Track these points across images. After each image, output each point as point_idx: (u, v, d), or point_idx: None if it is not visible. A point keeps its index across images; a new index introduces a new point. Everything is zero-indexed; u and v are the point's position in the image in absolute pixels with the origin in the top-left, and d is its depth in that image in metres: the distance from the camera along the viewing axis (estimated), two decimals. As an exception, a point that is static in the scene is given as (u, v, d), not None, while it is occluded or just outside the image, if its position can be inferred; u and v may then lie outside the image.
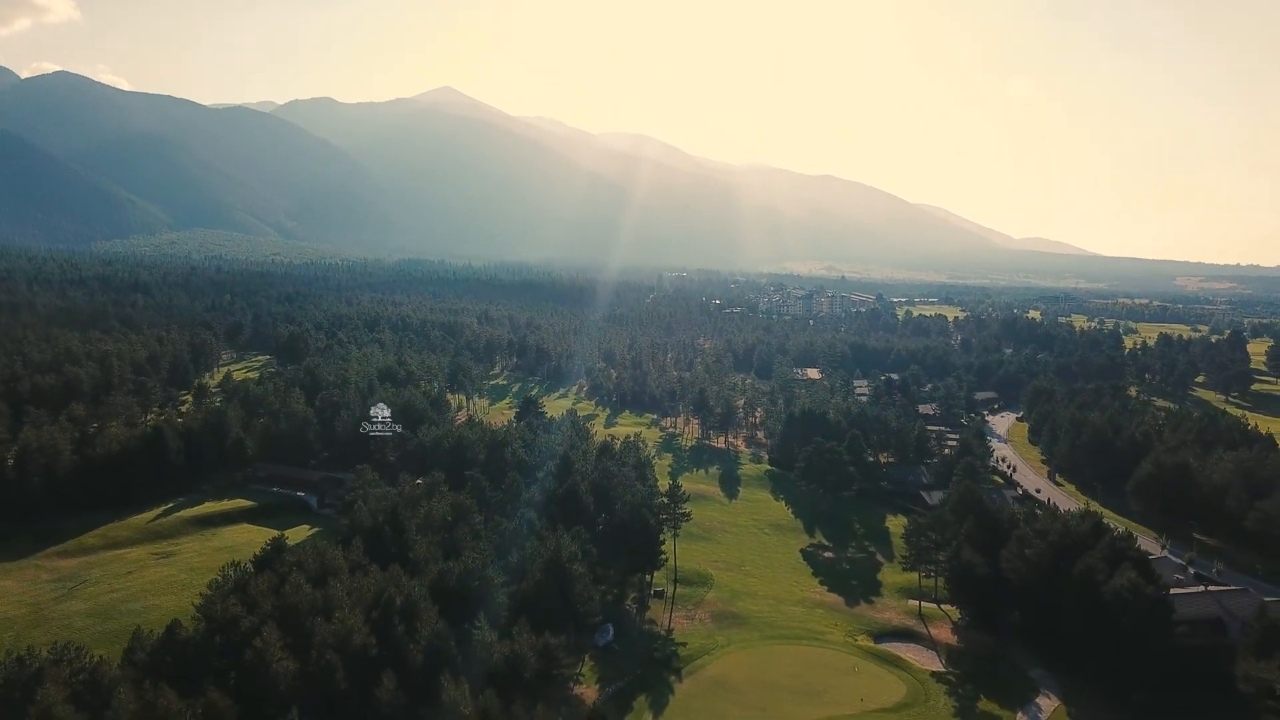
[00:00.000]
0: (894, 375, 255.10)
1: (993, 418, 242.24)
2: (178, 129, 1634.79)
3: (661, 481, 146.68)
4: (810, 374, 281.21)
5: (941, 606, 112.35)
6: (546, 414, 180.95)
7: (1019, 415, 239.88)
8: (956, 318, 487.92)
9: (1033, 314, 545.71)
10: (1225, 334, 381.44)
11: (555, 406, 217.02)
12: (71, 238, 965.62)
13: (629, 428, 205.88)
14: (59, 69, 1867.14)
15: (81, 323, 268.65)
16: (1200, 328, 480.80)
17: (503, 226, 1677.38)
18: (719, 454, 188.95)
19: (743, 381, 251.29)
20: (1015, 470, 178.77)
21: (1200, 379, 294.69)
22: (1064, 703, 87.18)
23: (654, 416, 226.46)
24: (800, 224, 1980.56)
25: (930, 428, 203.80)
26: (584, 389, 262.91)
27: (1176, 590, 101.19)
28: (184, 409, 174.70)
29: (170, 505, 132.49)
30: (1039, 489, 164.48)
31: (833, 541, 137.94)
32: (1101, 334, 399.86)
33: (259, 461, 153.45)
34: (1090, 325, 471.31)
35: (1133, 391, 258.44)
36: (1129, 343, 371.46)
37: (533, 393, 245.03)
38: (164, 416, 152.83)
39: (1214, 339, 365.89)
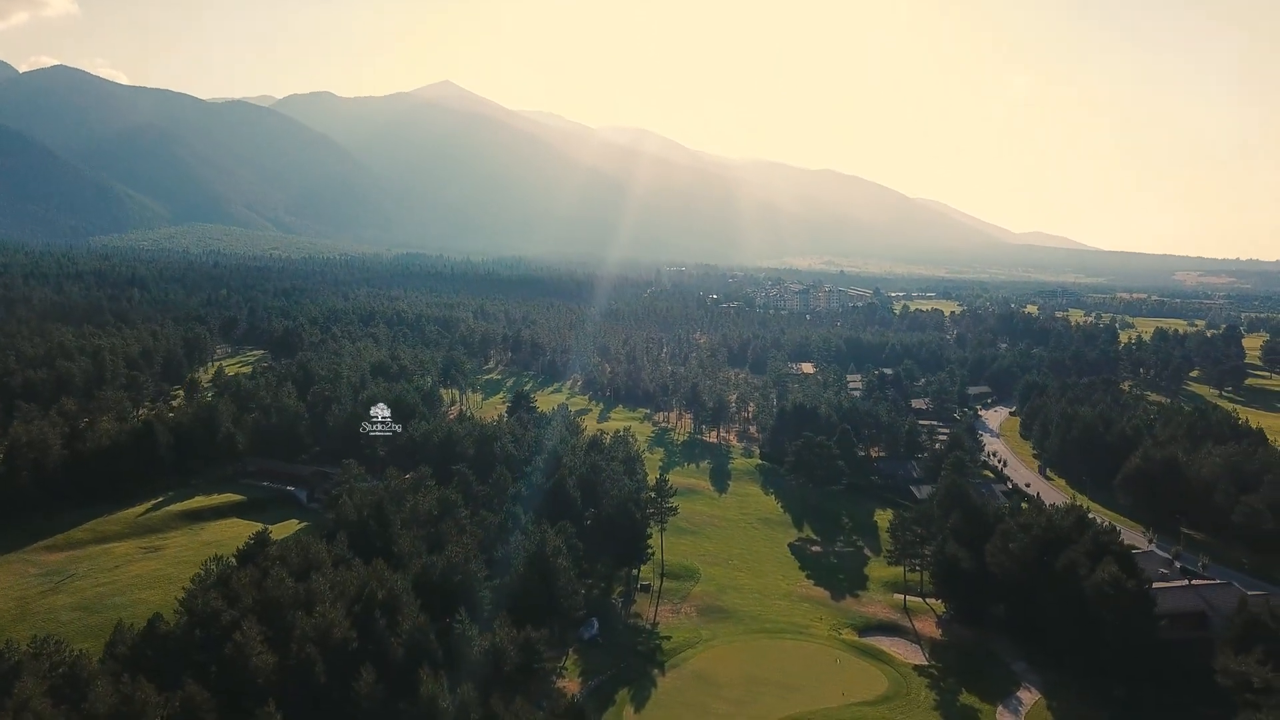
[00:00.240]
0: (887, 370, 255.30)
1: (986, 412, 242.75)
2: (176, 123, 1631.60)
3: (652, 476, 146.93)
4: (805, 369, 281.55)
5: (927, 600, 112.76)
6: (538, 409, 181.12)
7: (1012, 410, 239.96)
8: (953, 312, 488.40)
9: (1030, 309, 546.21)
10: (1221, 329, 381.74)
11: (549, 401, 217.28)
12: (69, 232, 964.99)
13: (622, 422, 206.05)
14: (57, 63, 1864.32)
15: (76, 317, 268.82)
16: (1197, 322, 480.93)
17: (502, 221, 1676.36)
18: (711, 448, 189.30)
19: (736, 376, 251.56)
20: (1006, 465, 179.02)
21: (1195, 374, 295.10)
22: (1045, 696, 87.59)
23: (647, 411, 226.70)
24: (800, 219, 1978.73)
25: (922, 422, 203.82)
26: (578, 384, 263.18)
27: (1159, 584, 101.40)
28: (175, 403, 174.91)
29: (160, 499, 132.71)
30: (1029, 483, 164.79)
31: (821, 535, 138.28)
32: (1097, 329, 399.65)
33: (250, 456, 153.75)
34: (1087, 320, 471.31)
35: (1126, 386, 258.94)
36: (1124, 337, 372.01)
37: (526, 388, 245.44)
38: (154, 411, 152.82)
39: (1209, 334, 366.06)
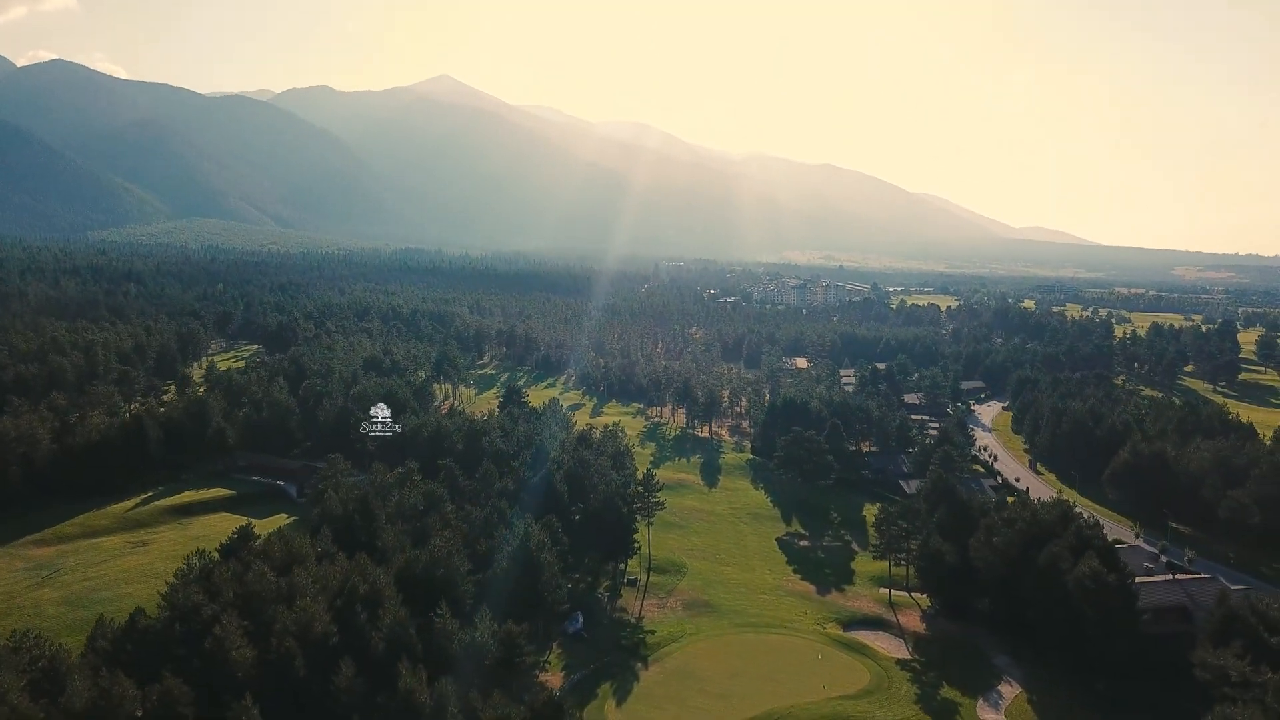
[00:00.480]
0: (881, 365, 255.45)
1: (979, 407, 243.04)
2: (174, 118, 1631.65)
3: (642, 471, 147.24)
4: (799, 363, 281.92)
5: (912, 595, 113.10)
6: (530, 403, 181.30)
7: (1005, 405, 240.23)
8: (949, 307, 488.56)
9: (1027, 303, 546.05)
10: (1217, 324, 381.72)
11: (543, 396, 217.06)
12: (68, 227, 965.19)
13: (615, 417, 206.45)
14: (55, 57, 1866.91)
15: (71, 312, 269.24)
16: (1194, 317, 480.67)
17: (501, 216, 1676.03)
18: (702, 443, 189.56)
19: (729, 371, 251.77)
20: (997, 459, 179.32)
21: (1189, 368, 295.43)
22: (1025, 690, 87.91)
23: (641, 406, 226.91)
24: (799, 214, 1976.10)
25: (915, 417, 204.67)
26: (572, 379, 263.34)
27: (1143, 579, 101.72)
28: (167, 398, 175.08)
29: (150, 494, 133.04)
30: (1018, 478, 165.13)
31: (809, 530, 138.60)
32: (1092, 324, 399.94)
33: (241, 451, 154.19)
34: (1083, 315, 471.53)
35: (1120, 381, 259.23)
36: (1120, 332, 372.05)
37: (520, 383, 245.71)
38: (145, 406, 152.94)
39: (1205, 329, 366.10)
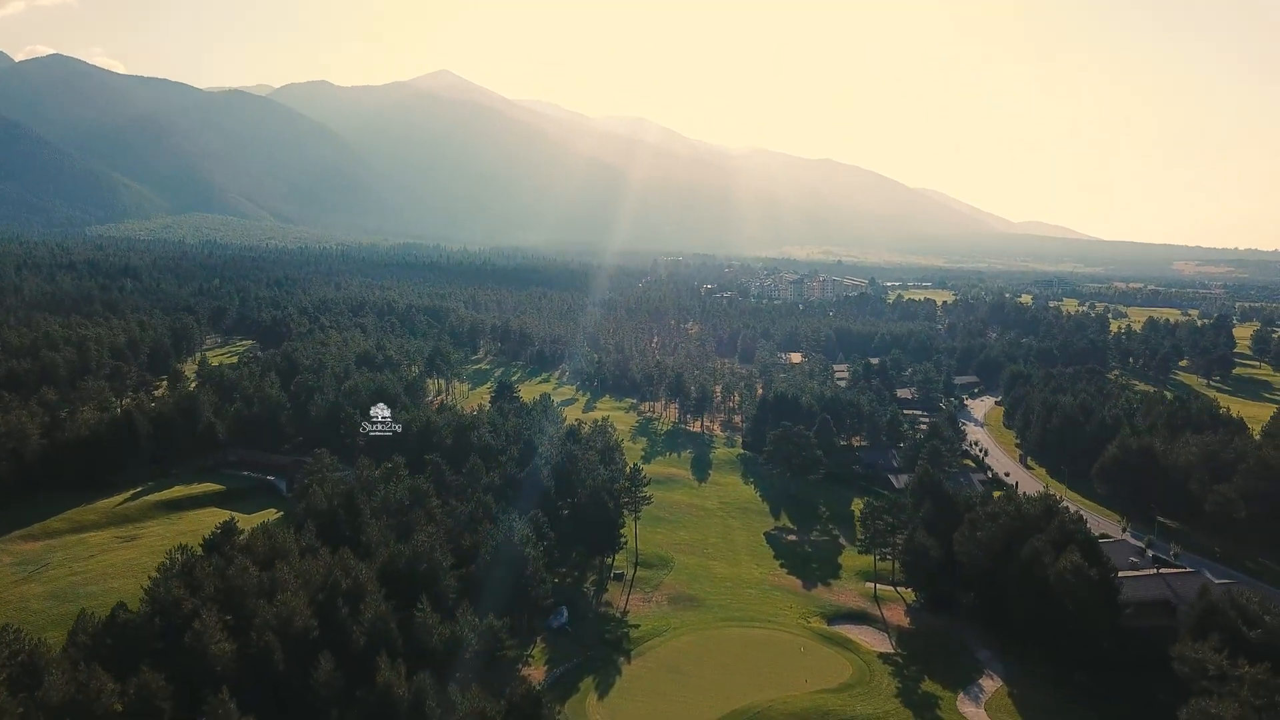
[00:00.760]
0: (874, 360, 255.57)
1: (972, 402, 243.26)
2: (173, 113, 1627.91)
3: (633, 465, 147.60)
4: (793, 358, 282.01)
5: (898, 589, 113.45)
6: (521, 399, 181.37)
7: (998, 400, 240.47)
8: (945, 302, 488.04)
9: (1024, 298, 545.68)
10: (1213, 318, 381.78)
11: (536, 391, 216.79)
12: (66, 222, 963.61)
13: (608, 412, 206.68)
14: (53, 52, 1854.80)
15: (66, 307, 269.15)
16: (1190, 312, 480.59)
17: (500, 211, 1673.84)
18: (694, 438, 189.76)
19: (722, 366, 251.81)
20: (987, 454, 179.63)
21: (1184, 363, 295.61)
22: (1006, 683, 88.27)
23: (634, 401, 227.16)
24: (798, 208, 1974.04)
25: (908, 412, 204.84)
26: (566, 374, 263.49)
27: (1126, 573, 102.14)
28: (159, 393, 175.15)
29: (139, 489, 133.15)
30: (1008, 472, 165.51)
31: (797, 524, 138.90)
32: (1088, 318, 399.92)
33: (231, 446, 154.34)
34: (1080, 310, 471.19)
35: (1114, 376, 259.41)
36: (1115, 327, 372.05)
37: (514, 378, 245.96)
38: (136, 401, 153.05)
39: (1200, 323, 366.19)
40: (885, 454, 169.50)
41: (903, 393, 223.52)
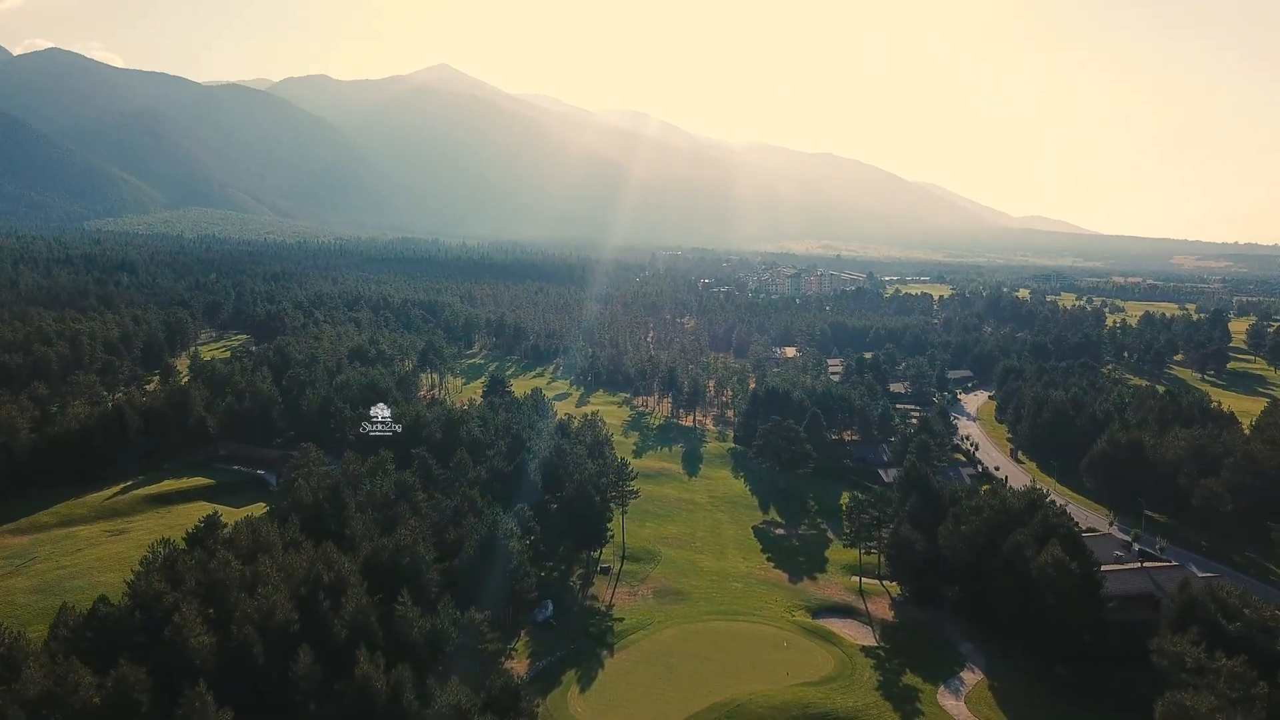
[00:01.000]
0: (869, 354, 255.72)
1: (966, 396, 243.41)
2: (172, 107, 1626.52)
3: (625, 459, 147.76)
4: (788, 353, 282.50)
5: (884, 583, 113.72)
6: (513, 393, 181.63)
7: (991, 394, 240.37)
8: (942, 296, 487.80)
9: (1021, 293, 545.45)
10: (1209, 313, 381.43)
11: (530, 386, 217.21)
12: (64, 217, 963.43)
13: (600, 407, 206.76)
14: (52, 46, 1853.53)
15: (60, 302, 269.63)
16: (1187, 306, 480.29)
17: (500, 205, 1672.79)
18: (685, 432, 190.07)
19: (716, 360, 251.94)
20: (978, 448, 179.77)
21: (1178, 357, 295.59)
22: (987, 676, 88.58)
23: (627, 395, 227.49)
24: (798, 203, 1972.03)
25: (900, 406, 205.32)
26: (560, 368, 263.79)
27: (1110, 566, 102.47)
28: (150, 388, 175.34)
29: (129, 483, 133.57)
30: (998, 466, 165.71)
31: (786, 518, 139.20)
32: (1084, 313, 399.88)
33: (223, 440, 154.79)
34: (1078, 304, 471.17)
35: (1108, 370, 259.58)
36: (1111, 321, 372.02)
37: (508, 372, 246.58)
38: (127, 396, 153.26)
39: (1196, 317, 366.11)
40: (876, 448, 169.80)
41: (896, 387, 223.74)
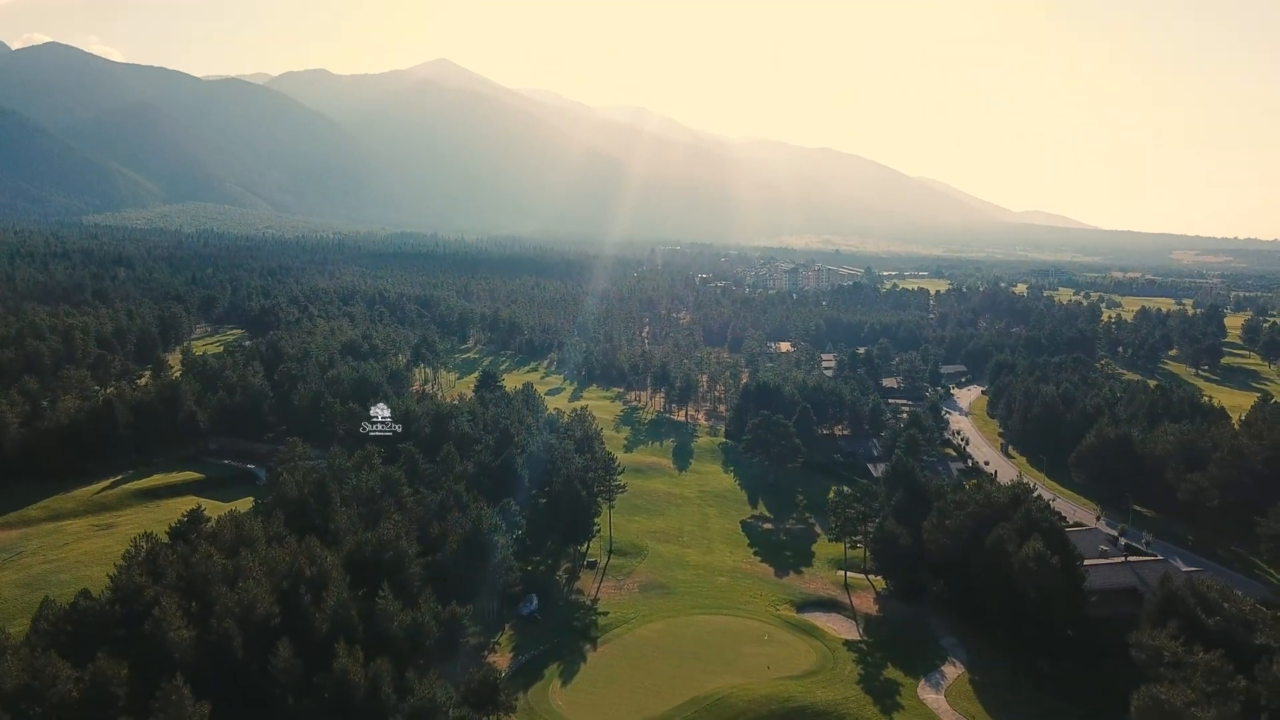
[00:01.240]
0: (861, 349, 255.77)
1: (959, 391, 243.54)
2: (171, 101, 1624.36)
3: (616, 454, 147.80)
4: (783, 348, 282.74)
5: (869, 577, 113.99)
6: (504, 388, 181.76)
7: (984, 389, 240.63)
8: (938, 291, 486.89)
9: (1019, 288, 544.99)
10: (1206, 308, 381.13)
11: (524, 380, 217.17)
12: (63, 211, 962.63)
13: (593, 401, 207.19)
14: (50, 40, 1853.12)
15: (56, 297, 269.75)
16: (1184, 301, 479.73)
17: (499, 200, 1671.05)
18: (677, 427, 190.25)
19: (710, 355, 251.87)
20: (969, 443, 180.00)
21: (1173, 352, 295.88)
22: (968, 670, 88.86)
23: (620, 390, 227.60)
24: (798, 198, 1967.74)
25: (893, 401, 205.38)
26: (554, 363, 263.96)
27: (1094, 561, 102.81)
28: (142, 382, 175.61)
29: (119, 478, 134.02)
30: (988, 461, 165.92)
31: (774, 513, 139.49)
32: (1079, 308, 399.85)
33: (213, 434, 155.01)
34: (1075, 299, 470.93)
35: (1101, 365, 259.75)
36: (1107, 316, 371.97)
37: (503, 367, 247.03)
38: (117, 390, 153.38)
39: (1191, 312, 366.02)
40: (866, 443, 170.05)
41: (888, 382, 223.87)
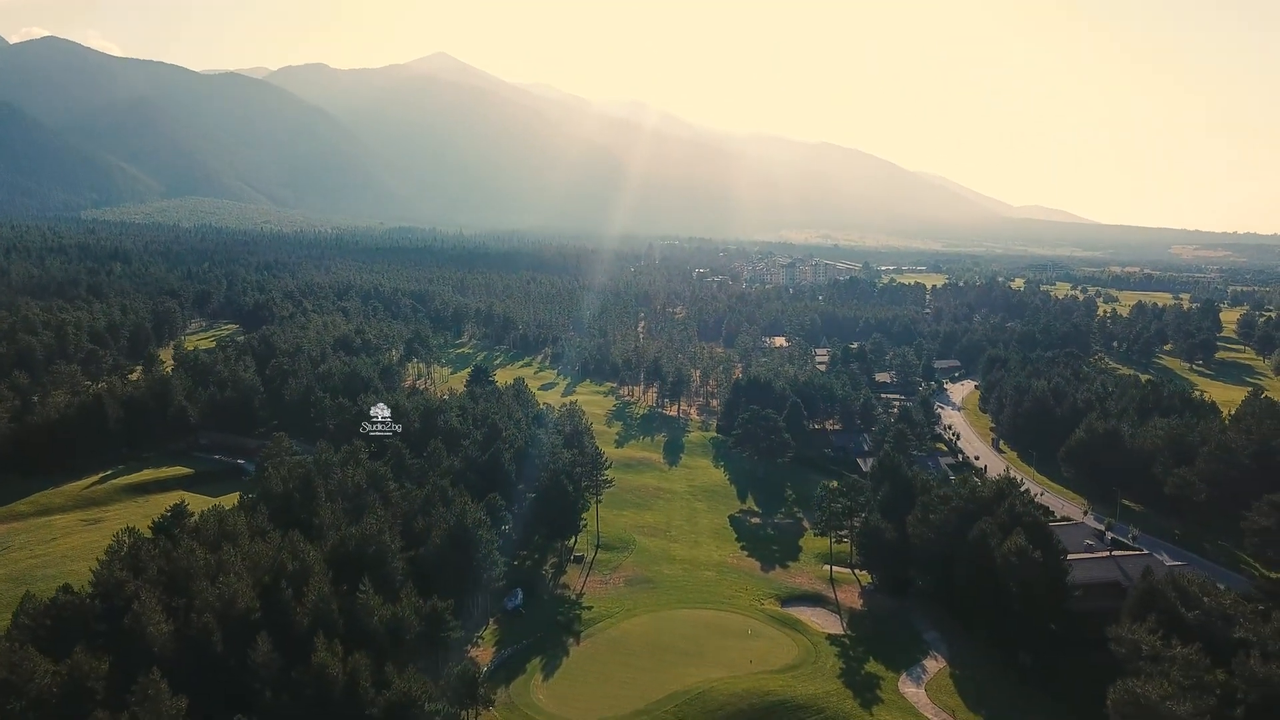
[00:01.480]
0: (854, 345, 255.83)
1: (953, 386, 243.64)
2: (169, 96, 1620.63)
3: (607, 449, 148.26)
4: (777, 342, 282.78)
5: (855, 572, 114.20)
6: (496, 383, 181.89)
7: (977, 384, 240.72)
8: (934, 286, 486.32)
9: (1016, 282, 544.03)
10: (1202, 302, 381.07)
11: (517, 375, 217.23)
12: (61, 206, 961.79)
13: (587, 396, 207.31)
14: (48, 34, 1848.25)
15: (50, 292, 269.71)
16: (1181, 296, 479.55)
17: (498, 195, 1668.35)
18: (669, 422, 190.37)
19: (703, 350, 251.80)
20: (960, 437, 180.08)
21: (1168, 347, 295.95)
22: (949, 664, 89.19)
23: (614, 385, 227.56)
24: (797, 192, 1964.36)
25: (886, 395, 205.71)
26: (549, 358, 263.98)
27: (1078, 555, 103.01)
28: (133, 377, 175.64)
29: (108, 473, 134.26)
30: (978, 456, 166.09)
31: (763, 507, 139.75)
32: (1075, 303, 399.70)
33: (204, 429, 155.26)
34: (1071, 293, 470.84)
35: (1095, 359, 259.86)
36: (1103, 310, 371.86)
37: (497, 362, 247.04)
38: (108, 385, 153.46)
39: (1188, 307, 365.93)
40: (856, 438, 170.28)
41: (882, 377, 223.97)
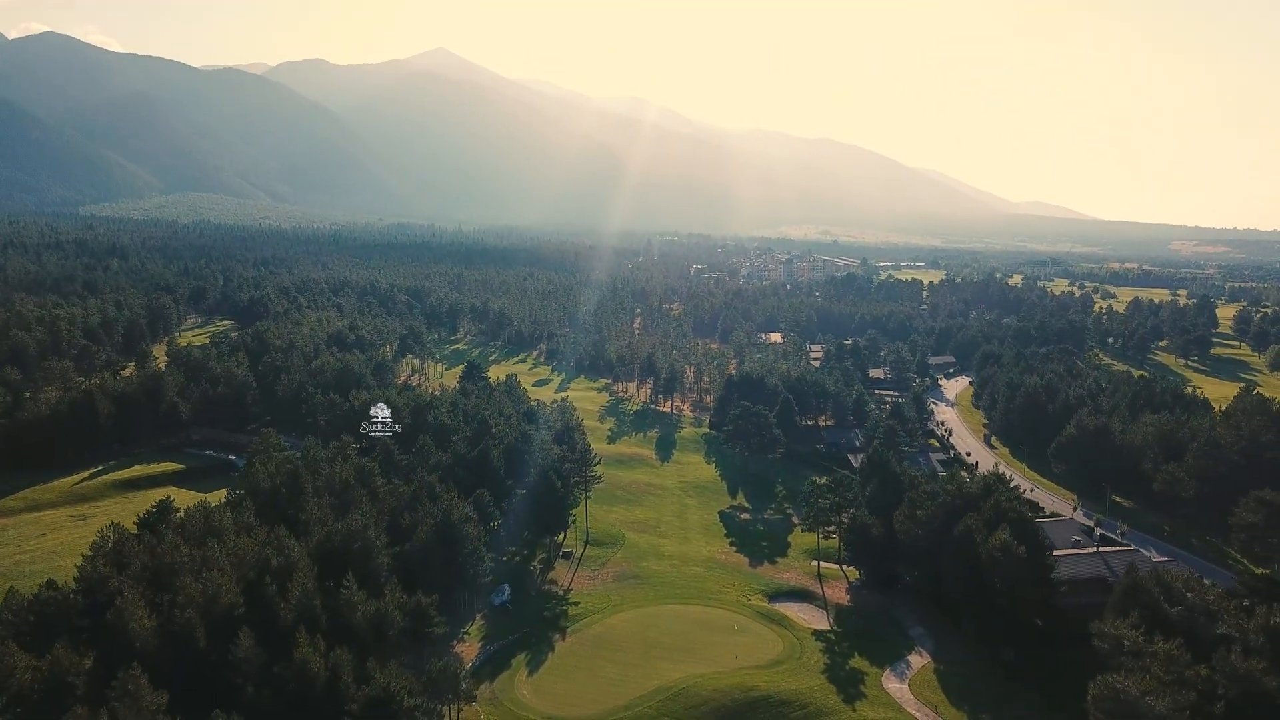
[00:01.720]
0: (848, 341, 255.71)
1: (948, 382, 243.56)
2: (168, 91, 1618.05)
3: (599, 445, 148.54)
4: (773, 338, 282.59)
5: (843, 567, 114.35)
6: (489, 379, 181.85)
7: (972, 380, 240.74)
8: (931, 282, 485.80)
9: (1014, 278, 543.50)
10: (1199, 298, 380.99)
11: (511, 371, 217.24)
12: (59, 201, 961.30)
13: (579, 392, 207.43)
14: (47, 29, 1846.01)
15: (46, 288, 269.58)
16: (1179, 292, 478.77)
17: (497, 191, 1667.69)
18: (662, 418, 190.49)
19: (698, 346, 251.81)
20: (952, 434, 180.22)
21: (1164, 343, 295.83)
22: (934, 660, 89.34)
23: (608, 381, 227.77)
24: (797, 188, 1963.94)
25: (879, 392, 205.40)
26: (543, 354, 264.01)
27: (1065, 551, 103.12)
28: (126, 373, 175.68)
29: (99, 469, 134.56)
30: (969, 452, 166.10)
31: (753, 503, 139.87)
32: (1072, 299, 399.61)
33: (196, 425, 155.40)
34: (1069, 289, 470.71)
35: (1090, 355, 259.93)
36: (1100, 307, 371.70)
37: (491, 358, 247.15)
38: (99, 381, 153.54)
39: (1185, 303, 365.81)
40: (848, 434, 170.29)
41: (876, 373, 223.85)
